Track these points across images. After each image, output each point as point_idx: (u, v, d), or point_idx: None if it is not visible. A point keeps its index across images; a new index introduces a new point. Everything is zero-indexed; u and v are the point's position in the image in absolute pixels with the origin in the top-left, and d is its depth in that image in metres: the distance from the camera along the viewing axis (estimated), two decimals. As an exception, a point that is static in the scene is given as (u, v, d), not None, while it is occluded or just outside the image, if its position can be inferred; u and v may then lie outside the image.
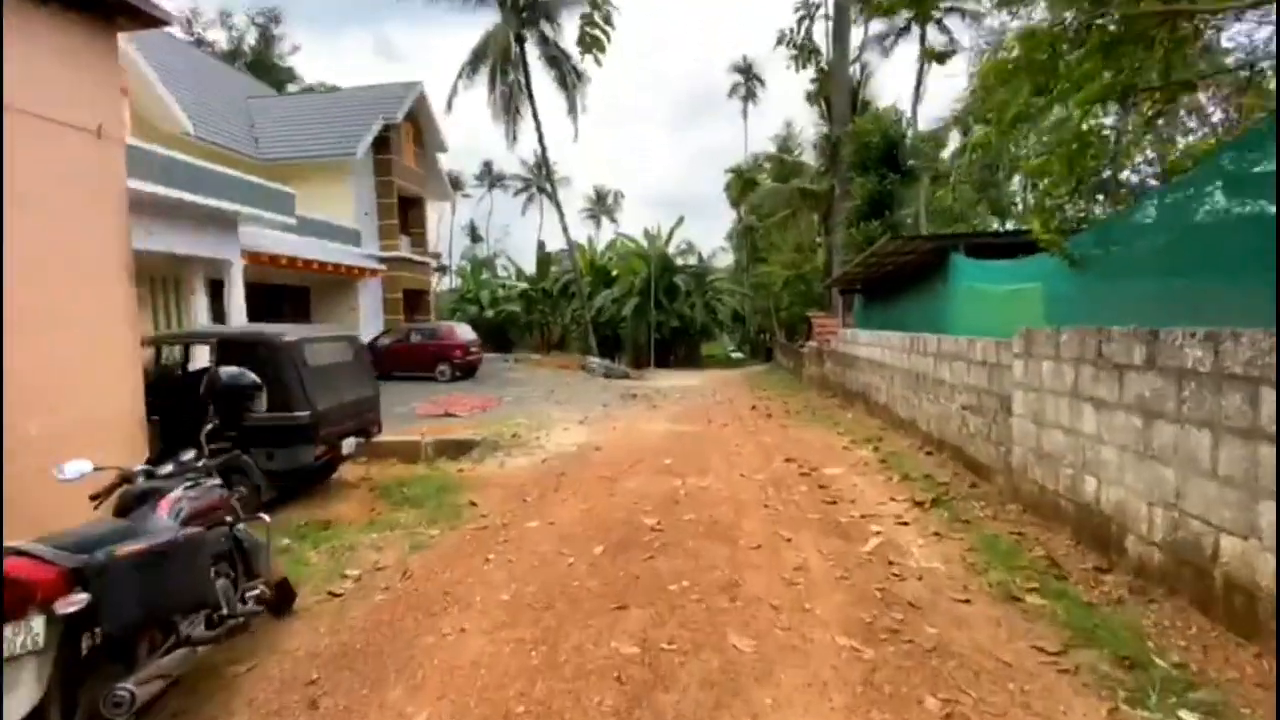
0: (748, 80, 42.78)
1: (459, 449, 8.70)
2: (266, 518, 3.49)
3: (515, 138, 27.24)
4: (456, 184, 68.00)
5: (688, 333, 33.47)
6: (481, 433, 9.61)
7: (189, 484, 3.16)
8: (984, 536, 4.56)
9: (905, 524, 4.93)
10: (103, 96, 4.70)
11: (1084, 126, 3.97)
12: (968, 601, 3.57)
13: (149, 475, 3.16)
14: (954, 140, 19.12)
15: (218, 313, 14.71)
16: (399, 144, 22.38)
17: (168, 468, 3.24)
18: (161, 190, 10.92)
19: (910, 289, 10.51)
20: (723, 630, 3.25)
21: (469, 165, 69.59)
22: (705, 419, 11.16)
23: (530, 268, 41.99)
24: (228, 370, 3.61)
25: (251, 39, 40.04)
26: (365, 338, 19.10)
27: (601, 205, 68.37)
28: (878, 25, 24.71)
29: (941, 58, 6.93)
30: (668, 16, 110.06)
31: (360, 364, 7.59)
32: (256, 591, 3.19)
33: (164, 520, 2.81)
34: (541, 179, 67.45)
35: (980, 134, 5.08)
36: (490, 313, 40.27)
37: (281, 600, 3.67)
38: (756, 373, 25.99)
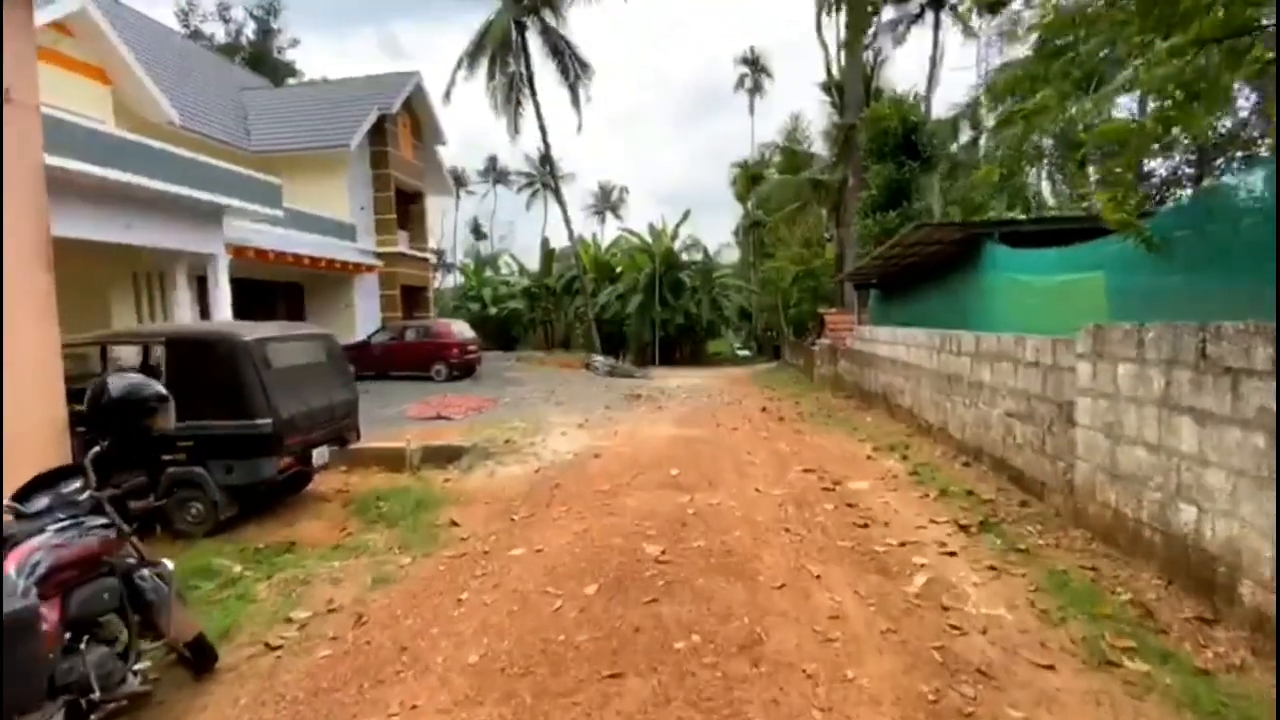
0: (755, 72, 41.92)
1: (447, 456, 8.02)
2: (169, 563, 2.81)
3: (517, 130, 26.57)
4: (460, 180, 67.41)
5: (693, 330, 32.75)
6: (473, 438, 8.93)
7: (64, 525, 2.48)
8: (1050, 572, 3.83)
9: (952, 554, 4.21)
10: (12, 55, 4.02)
11: (1194, 69, 3.24)
12: (1051, 668, 2.85)
13: (16, 515, 2.48)
14: (963, 135, 18.36)
15: (207, 310, 14.11)
16: (396, 136, 21.73)
17: (41, 502, 2.56)
18: (139, 180, 10.28)
19: (935, 283, 9.75)
20: (744, 712, 2.54)
21: (473, 161, 68.90)
22: (713, 422, 10.45)
23: (534, 265, 41.29)
24: (123, 380, 2.93)
25: (250, 33, 39.49)
26: (360, 335, 18.49)
27: (606, 201, 67.67)
28: (890, 11, 23.86)
29: (994, 6, 6.17)
30: (673, 12, 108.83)
31: (336, 365, 6.91)
32: (145, 665, 2.51)
33: (7, 580, 2.13)
34: (545, 174, 66.95)
35: (1041, 96, 4.32)
36: (493, 310, 39.70)
37: (199, 659, 2.99)
38: (764, 371, 25.25)
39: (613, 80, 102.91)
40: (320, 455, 6.36)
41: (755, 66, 41.63)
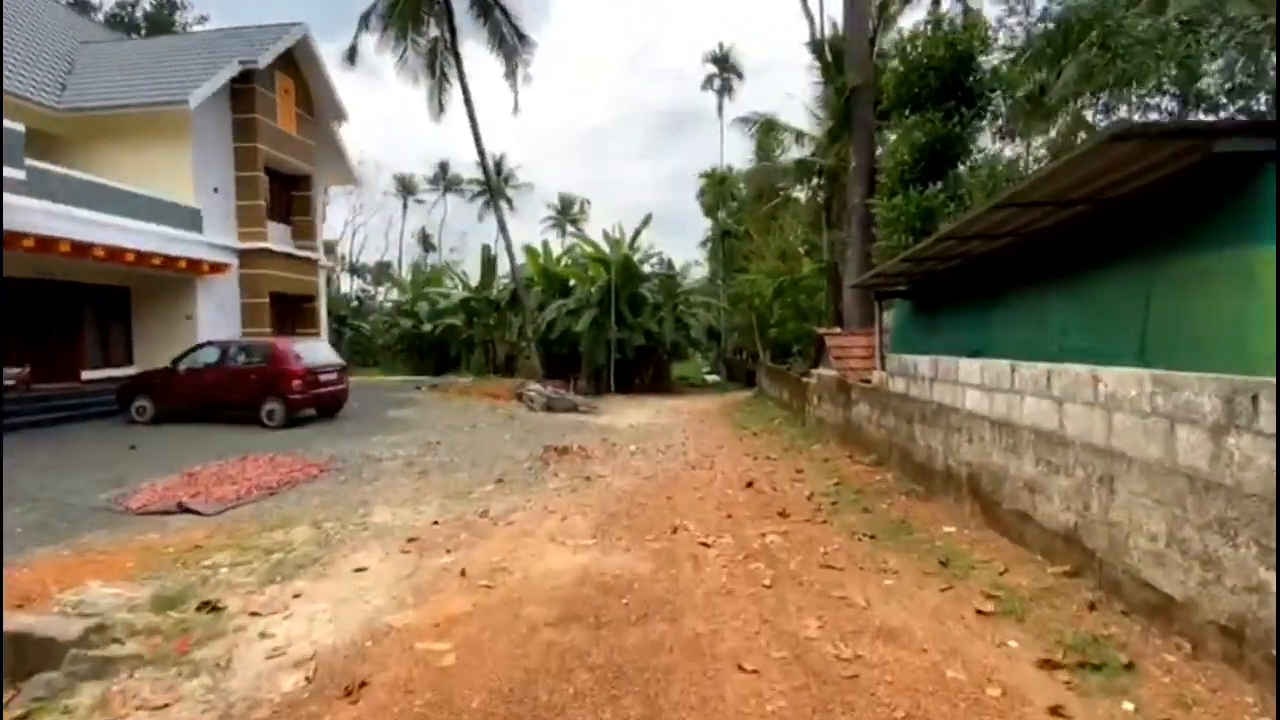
0: (724, 72, 38.37)
1: (17, 657, 3.29)
2: None
3: (441, 108, 22.02)
4: (409, 188, 62.51)
5: (655, 352, 28.28)
6: (154, 583, 4.23)
7: None
8: None
9: None
10: None
11: None
12: None
13: None
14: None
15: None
16: (271, 103, 16.91)
17: None
18: None
19: (1059, 282, 5.44)
20: None
21: (424, 169, 63.79)
22: (669, 520, 5.87)
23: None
24: None
25: (148, 4, 34.12)
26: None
27: (566, 213, 63.52)
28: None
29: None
30: (643, 33, 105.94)
31: None
32: None
33: None
34: (485, 173, 62.39)
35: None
36: (428, 327, 34.81)
37: None
38: (739, 403, 20.85)
39: (582, 99, 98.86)
40: None
41: (725, 65, 38.09)
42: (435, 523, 5.82)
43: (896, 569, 4.51)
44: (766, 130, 15.50)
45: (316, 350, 11.92)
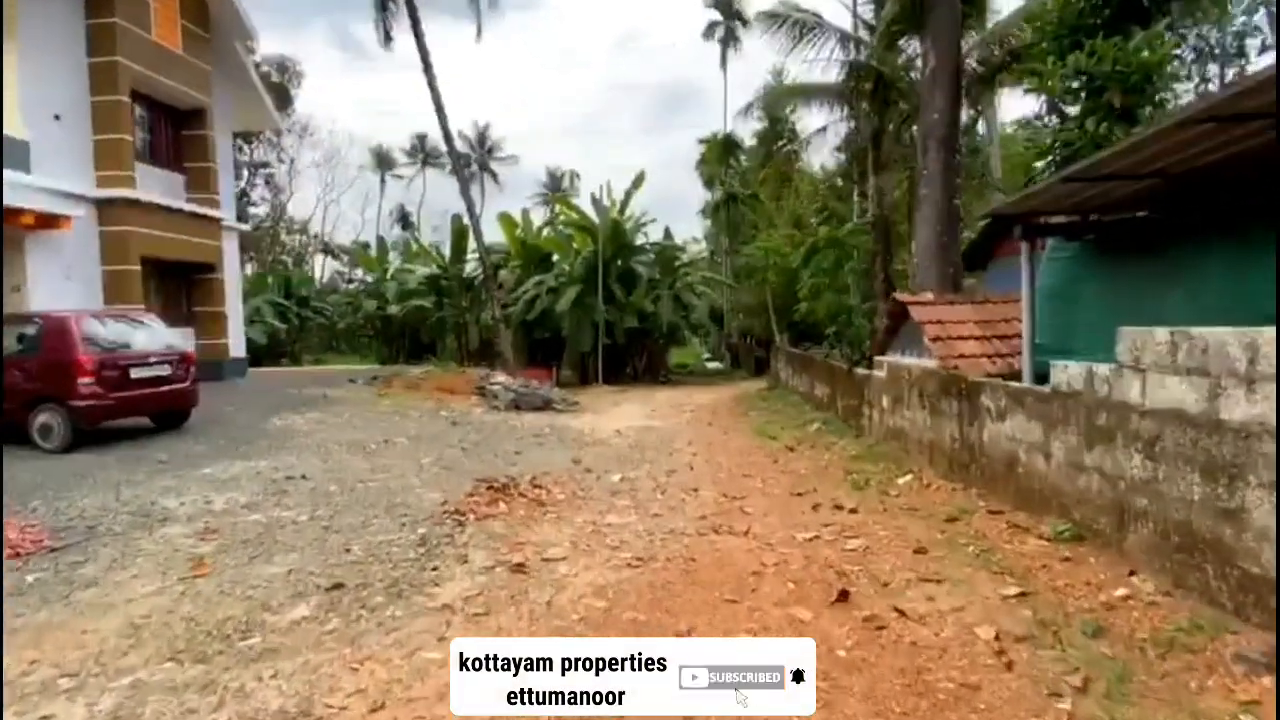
0: (728, 19, 34.11)
1: None
2: None
3: (389, 35, 17.91)
4: (386, 162, 57.77)
5: (650, 336, 24.38)
6: None
7: None
8: None
9: None
10: None
11: None
12: None
13: None
14: None
15: None
16: (141, 6, 12.79)
17: None
18: None
19: None
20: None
21: (401, 141, 59.17)
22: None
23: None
24: None
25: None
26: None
27: (556, 188, 59.15)
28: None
29: None
30: (637, 16, 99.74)
31: None
32: None
33: None
34: (482, 154, 57.90)
35: None
36: (395, 309, 30.85)
37: None
38: (752, 397, 17.06)
39: (572, 79, 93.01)
40: None
41: (729, 11, 33.80)
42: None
43: None
44: (800, 32, 11.51)
45: (137, 331, 7.91)
